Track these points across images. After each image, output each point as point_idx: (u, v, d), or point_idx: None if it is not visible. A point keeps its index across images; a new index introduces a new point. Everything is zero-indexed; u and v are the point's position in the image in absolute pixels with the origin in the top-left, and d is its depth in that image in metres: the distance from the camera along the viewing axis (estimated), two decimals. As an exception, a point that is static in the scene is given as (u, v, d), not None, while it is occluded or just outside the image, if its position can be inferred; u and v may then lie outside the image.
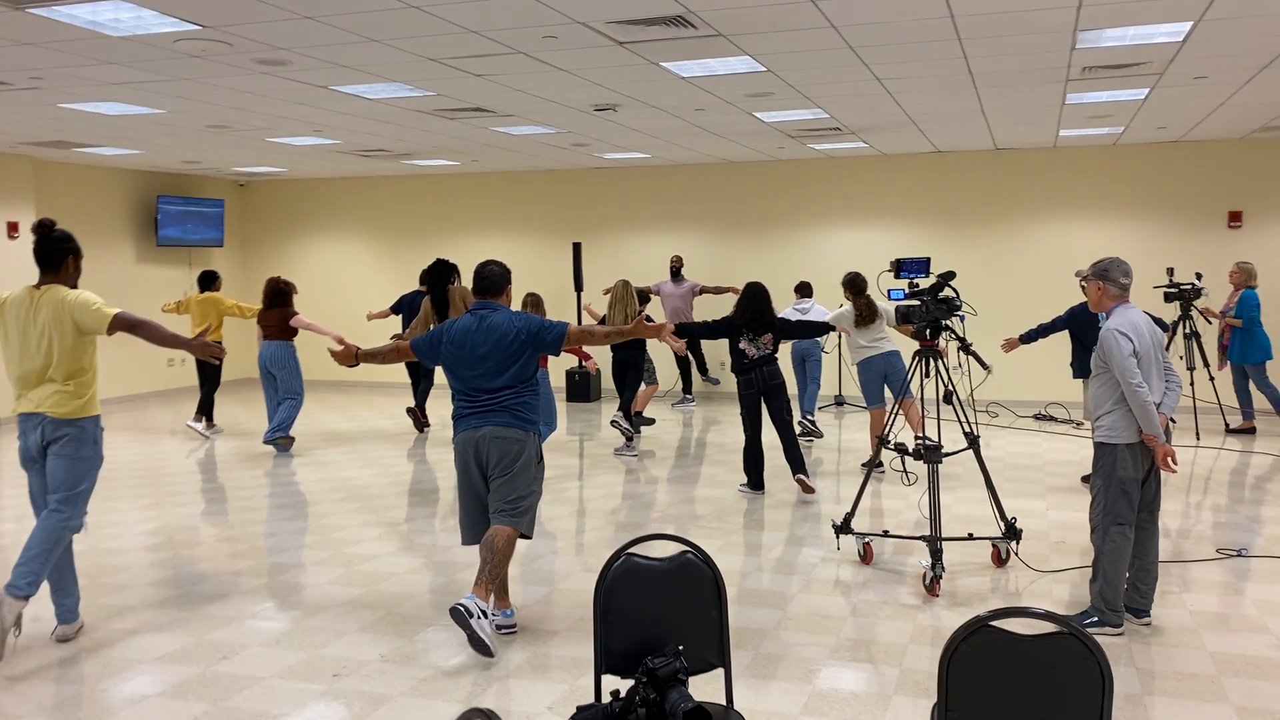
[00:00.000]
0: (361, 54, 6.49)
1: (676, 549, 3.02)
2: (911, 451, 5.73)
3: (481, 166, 13.39)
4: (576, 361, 13.10)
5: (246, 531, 6.87)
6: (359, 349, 4.97)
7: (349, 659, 4.61)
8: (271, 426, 9.59)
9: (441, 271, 8.15)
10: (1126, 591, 4.87)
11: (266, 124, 9.37)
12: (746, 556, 6.18)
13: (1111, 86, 7.97)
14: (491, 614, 4.64)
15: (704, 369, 12.39)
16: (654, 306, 12.29)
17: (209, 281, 10.63)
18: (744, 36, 6.15)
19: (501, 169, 13.78)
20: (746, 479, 7.85)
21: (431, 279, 8.16)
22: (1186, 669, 4.42)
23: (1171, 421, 4.85)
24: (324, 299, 14.96)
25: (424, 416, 10.82)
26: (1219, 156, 11.60)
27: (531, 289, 12.85)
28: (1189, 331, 9.86)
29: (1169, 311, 11.30)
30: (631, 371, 9.67)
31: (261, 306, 9.73)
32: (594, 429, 11.06)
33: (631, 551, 2.98)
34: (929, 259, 6.18)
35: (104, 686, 4.32)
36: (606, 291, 10.71)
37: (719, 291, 12.17)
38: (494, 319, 4.80)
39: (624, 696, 2.71)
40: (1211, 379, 10.43)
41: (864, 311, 8.36)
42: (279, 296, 9.66)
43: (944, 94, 8.21)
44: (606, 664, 2.94)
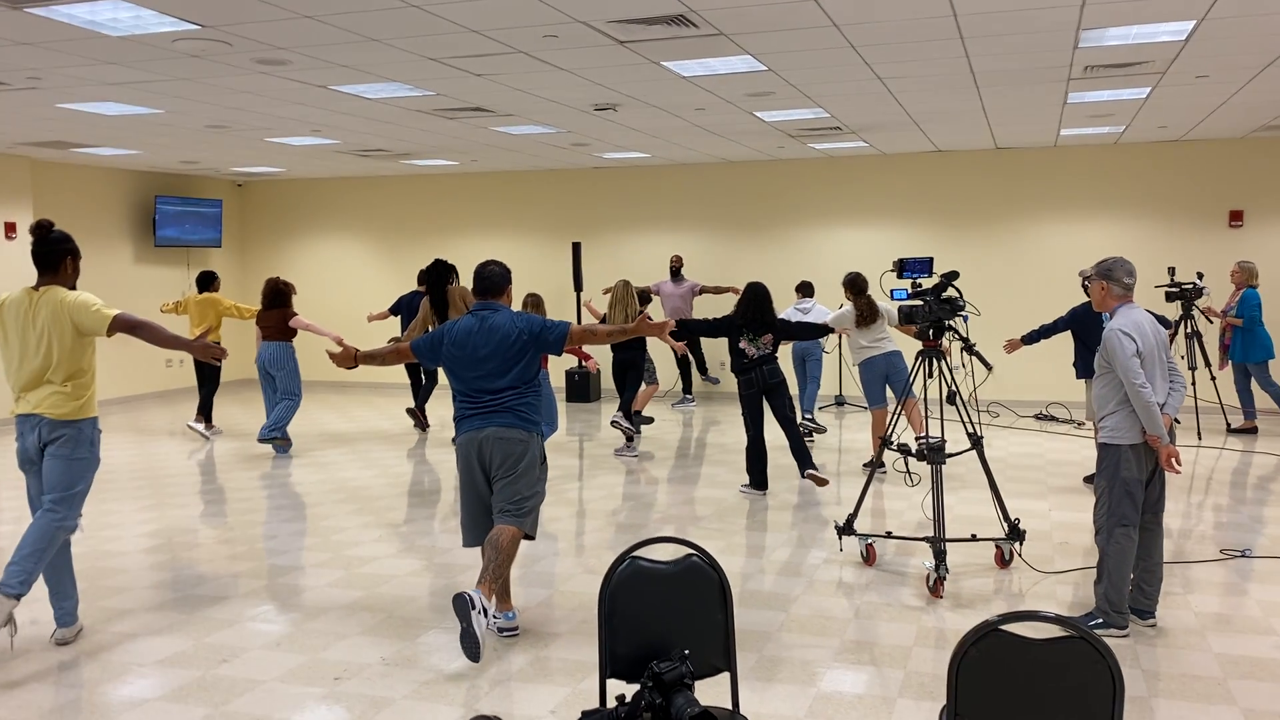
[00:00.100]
0: (361, 54, 6.46)
1: (682, 552, 3.00)
2: (914, 452, 5.71)
3: (481, 166, 13.36)
4: (576, 361, 13.08)
5: (246, 533, 6.85)
6: (358, 351, 4.93)
7: (350, 662, 4.58)
8: (266, 425, 9.56)
9: (440, 272, 8.13)
10: (1131, 593, 4.84)
11: (265, 124, 9.34)
12: (748, 558, 6.16)
13: (1113, 86, 7.96)
14: (493, 615, 4.62)
15: (704, 368, 12.37)
16: (654, 306, 12.25)
17: (207, 282, 10.60)
18: (745, 35, 6.13)
19: (501, 169, 13.75)
20: (748, 479, 7.83)
21: (430, 279, 8.14)
22: (1192, 671, 4.40)
23: (1176, 422, 4.83)
24: (323, 299, 14.93)
25: (424, 417, 10.80)
26: (1220, 156, 11.58)
27: (531, 289, 12.80)
28: (1190, 331, 9.85)
29: (1170, 311, 11.26)
30: (632, 371, 9.64)
31: (260, 307, 9.70)
32: (594, 429, 11.03)
33: (636, 554, 2.96)
34: (932, 259, 6.16)
35: (103, 690, 4.30)
36: (607, 291, 10.68)
37: (719, 291, 12.15)
38: (496, 320, 4.77)
39: (629, 701, 2.69)
40: (1213, 378, 10.41)
41: (865, 312, 8.33)
42: (278, 297, 9.63)
43: (945, 93, 8.19)
44: (611, 668, 2.91)
